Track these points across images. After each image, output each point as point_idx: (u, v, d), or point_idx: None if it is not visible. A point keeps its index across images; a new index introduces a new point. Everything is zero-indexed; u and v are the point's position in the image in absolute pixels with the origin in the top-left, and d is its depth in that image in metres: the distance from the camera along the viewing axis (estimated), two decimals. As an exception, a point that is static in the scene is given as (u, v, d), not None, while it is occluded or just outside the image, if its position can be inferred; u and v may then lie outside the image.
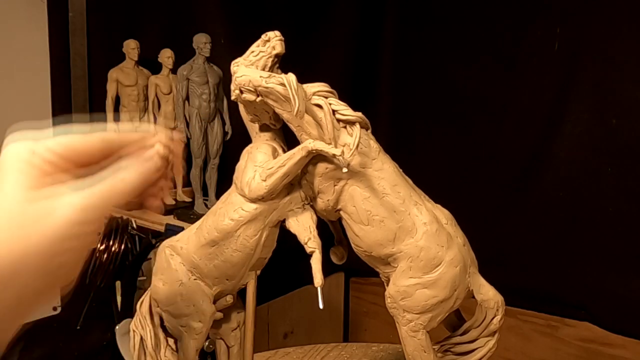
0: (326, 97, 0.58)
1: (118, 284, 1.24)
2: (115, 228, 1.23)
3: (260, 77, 0.56)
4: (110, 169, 0.43)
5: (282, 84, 0.55)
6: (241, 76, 0.57)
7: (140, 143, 0.45)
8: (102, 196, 0.42)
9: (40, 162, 0.41)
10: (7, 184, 0.39)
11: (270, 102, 0.57)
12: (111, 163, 0.44)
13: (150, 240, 1.24)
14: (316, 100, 0.58)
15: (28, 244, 0.39)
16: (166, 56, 1.31)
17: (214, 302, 0.66)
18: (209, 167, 1.28)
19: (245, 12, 1.53)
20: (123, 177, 0.43)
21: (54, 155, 0.41)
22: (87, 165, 0.43)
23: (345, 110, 0.58)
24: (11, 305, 0.39)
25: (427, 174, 0.84)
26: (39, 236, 0.39)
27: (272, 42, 0.58)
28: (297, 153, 0.58)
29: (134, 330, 0.73)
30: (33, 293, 0.40)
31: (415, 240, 0.60)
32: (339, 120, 0.58)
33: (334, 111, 0.58)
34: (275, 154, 0.62)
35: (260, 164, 0.61)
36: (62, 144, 0.42)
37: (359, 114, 0.59)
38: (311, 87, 0.59)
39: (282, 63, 0.60)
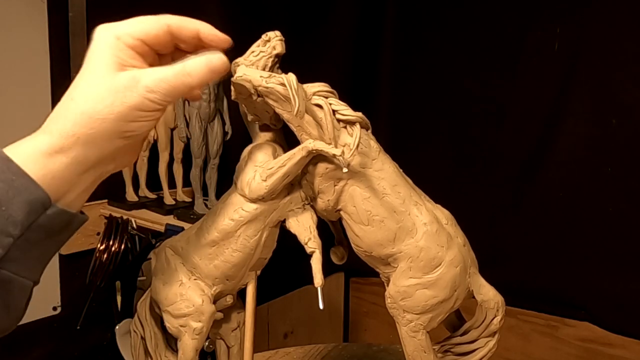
0: (326, 97, 0.58)
1: (118, 284, 1.24)
2: (115, 228, 1.23)
3: (261, 77, 0.56)
4: (187, 58, 0.51)
5: (282, 84, 0.55)
6: (241, 76, 0.57)
7: (206, 32, 0.52)
8: (176, 74, 0.49)
9: (122, 45, 0.48)
10: (98, 62, 0.47)
11: (270, 102, 0.57)
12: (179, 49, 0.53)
13: (150, 240, 1.24)
14: (316, 100, 0.58)
15: (113, 109, 0.46)
16: None
17: (214, 302, 0.66)
18: (209, 167, 1.28)
19: (245, 12, 1.53)
20: (197, 64, 0.50)
21: (133, 39, 0.49)
22: (159, 46, 0.51)
23: (345, 110, 0.58)
24: (92, 161, 0.47)
25: (427, 173, 0.84)
26: (122, 104, 0.46)
27: (272, 42, 0.58)
28: (298, 153, 0.58)
29: (134, 330, 0.73)
30: (107, 157, 0.48)
31: (415, 240, 0.60)
32: (339, 120, 0.58)
33: (334, 111, 0.58)
34: (275, 154, 0.62)
35: (261, 164, 0.61)
36: (139, 29, 0.49)
37: (359, 114, 0.59)
38: (311, 87, 0.59)
39: (282, 63, 0.60)
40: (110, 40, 0.48)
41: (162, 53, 0.53)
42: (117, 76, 0.47)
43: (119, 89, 0.47)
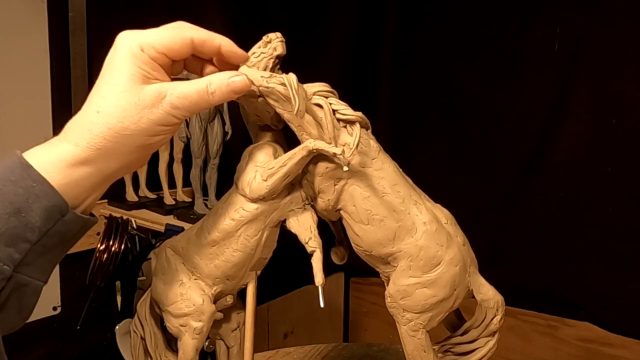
0: (326, 97, 0.58)
1: (118, 284, 1.24)
2: (115, 228, 1.23)
3: (261, 77, 0.56)
4: (208, 76, 0.51)
5: (283, 84, 0.55)
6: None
7: (227, 49, 0.53)
8: (200, 92, 0.50)
9: (147, 57, 0.49)
10: (123, 74, 0.48)
11: (271, 102, 0.57)
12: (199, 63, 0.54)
13: (150, 240, 1.24)
14: (316, 100, 0.58)
15: (139, 126, 0.47)
16: None
17: (214, 302, 0.66)
18: (209, 167, 1.28)
19: (245, 12, 1.53)
20: (220, 85, 0.51)
21: (157, 52, 0.49)
22: (179, 58, 0.52)
23: (345, 110, 0.58)
24: (112, 171, 0.49)
25: (427, 173, 0.84)
26: (148, 121, 0.48)
27: (273, 44, 0.58)
28: (298, 153, 0.58)
29: (134, 331, 0.73)
30: (127, 166, 0.50)
31: (415, 239, 0.60)
32: (339, 120, 0.58)
33: (334, 111, 0.58)
34: (276, 154, 0.62)
35: (261, 164, 0.61)
36: (163, 43, 0.49)
37: (359, 113, 0.59)
38: (311, 87, 0.59)
39: (283, 63, 0.60)
40: (135, 50, 0.48)
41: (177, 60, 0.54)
42: (143, 91, 0.48)
43: (145, 106, 0.48)
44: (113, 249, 1.20)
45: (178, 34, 0.50)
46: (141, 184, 1.35)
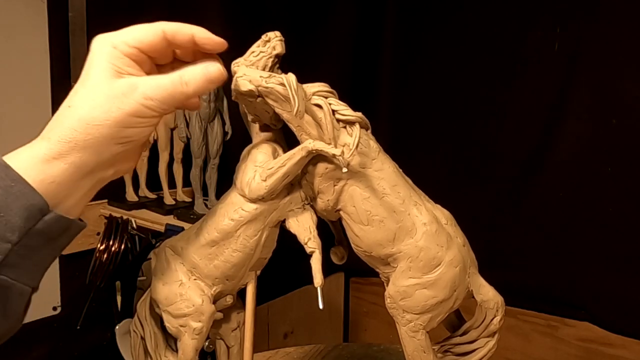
0: (326, 97, 0.58)
1: (118, 284, 1.24)
2: (115, 228, 1.23)
3: (261, 77, 0.56)
4: (184, 67, 0.52)
5: (282, 84, 0.55)
6: (241, 76, 0.57)
7: (201, 36, 0.52)
8: (174, 82, 0.50)
9: (119, 53, 0.49)
10: (95, 71, 0.48)
11: (270, 102, 0.57)
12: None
13: (150, 240, 1.24)
14: (316, 100, 0.58)
15: (110, 115, 0.47)
16: None
17: (214, 302, 0.66)
18: (209, 167, 1.28)
19: (245, 12, 1.53)
20: (194, 73, 0.51)
21: (129, 47, 0.49)
22: (156, 53, 0.51)
23: (345, 110, 0.58)
24: (90, 167, 0.48)
25: (426, 174, 0.84)
26: (118, 110, 0.47)
27: (272, 43, 0.58)
28: (297, 153, 0.58)
29: (134, 331, 0.73)
30: (106, 163, 0.49)
31: (415, 240, 0.60)
32: (338, 120, 0.58)
33: (333, 111, 0.58)
34: (275, 154, 0.62)
35: (261, 164, 0.61)
36: (135, 37, 0.49)
37: (359, 114, 0.59)
38: (311, 87, 0.59)
39: (282, 63, 0.60)
40: (107, 49, 0.49)
41: (161, 63, 0.54)
42: (114, 83, 0.48)
43: (116, 95, 0.47)
44: (113, 249, 1.20)
45: (149, 27, 0.50)
46: (141, 184, 1.35)
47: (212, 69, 0.52)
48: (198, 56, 0.54)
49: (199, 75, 0.51)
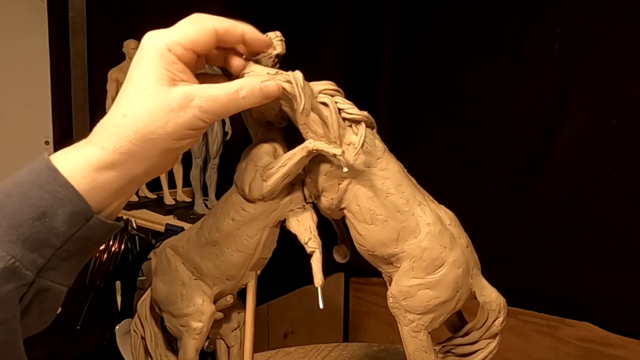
0: (332, 96, 0.58)
1: (118, 284, 1.24)
2: (115, 228, 1.22)
3: (267, 74, 0.56)
4: (239, 80, 0.51)
5: (289, 81, 0.55)
6: (249, 73, 0.56)
7: (251, 35, 0.52)
8: (229, 95, 0.49)
9: (173, 57, 0.48)
10: (149, 76, 0.47)
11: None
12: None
13: (150, 240, 1.24)
14: (322, 98, 0.57)
15: (166, 130, 0.46)
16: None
17: (214, 302, 0.66)
18: (209, 167, 1.28)
19: (245, 12, 1.53)
20: (252, 90, 0.50)
21: (184, 49, 0.48)
22: (207, 51, 0.51)
23: (351, 109, 0.58)
24: (139, 175, 0.48)
25: (427, 174, 0.84)
26: (175, 124, 0.47)
27: (273, 42, 0.58)
28: (298, 153, 0.58)
29: (134, 331, 0.73)
30: (152, 170, 0.49)
31: (419, 240, 0.59)
32: (344, 119, 0.58)
33: (339, 110, 0.58)
34: (276, 154, 0.62)
35: (261, 163, 0.61)
36: (189, 38, 0.48)
37: (365, 113, 0.59)
38: (318, 85, 0.59)
39: (283, 63, 0.60)
40: (162, 51, 0.47)
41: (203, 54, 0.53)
42: (170, 94, 0.47)
43: (172, 109, 0.47)
44: (113, 249, 1.20)
45: (202, 27, 0.49)
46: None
47: (270, 85, 0.51)
48: (227, 61, 0.54)
49: (257, 91, 0.50)
